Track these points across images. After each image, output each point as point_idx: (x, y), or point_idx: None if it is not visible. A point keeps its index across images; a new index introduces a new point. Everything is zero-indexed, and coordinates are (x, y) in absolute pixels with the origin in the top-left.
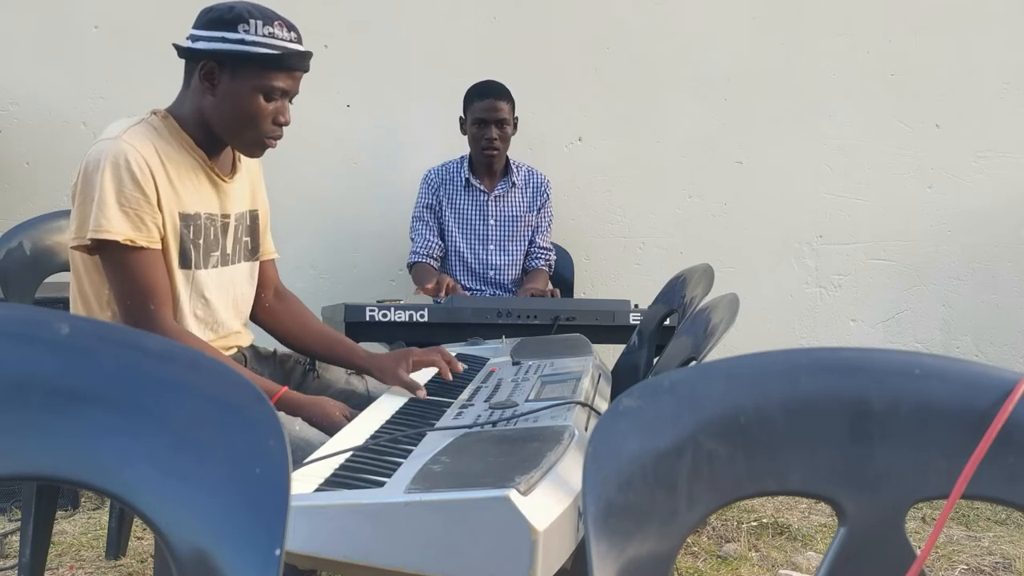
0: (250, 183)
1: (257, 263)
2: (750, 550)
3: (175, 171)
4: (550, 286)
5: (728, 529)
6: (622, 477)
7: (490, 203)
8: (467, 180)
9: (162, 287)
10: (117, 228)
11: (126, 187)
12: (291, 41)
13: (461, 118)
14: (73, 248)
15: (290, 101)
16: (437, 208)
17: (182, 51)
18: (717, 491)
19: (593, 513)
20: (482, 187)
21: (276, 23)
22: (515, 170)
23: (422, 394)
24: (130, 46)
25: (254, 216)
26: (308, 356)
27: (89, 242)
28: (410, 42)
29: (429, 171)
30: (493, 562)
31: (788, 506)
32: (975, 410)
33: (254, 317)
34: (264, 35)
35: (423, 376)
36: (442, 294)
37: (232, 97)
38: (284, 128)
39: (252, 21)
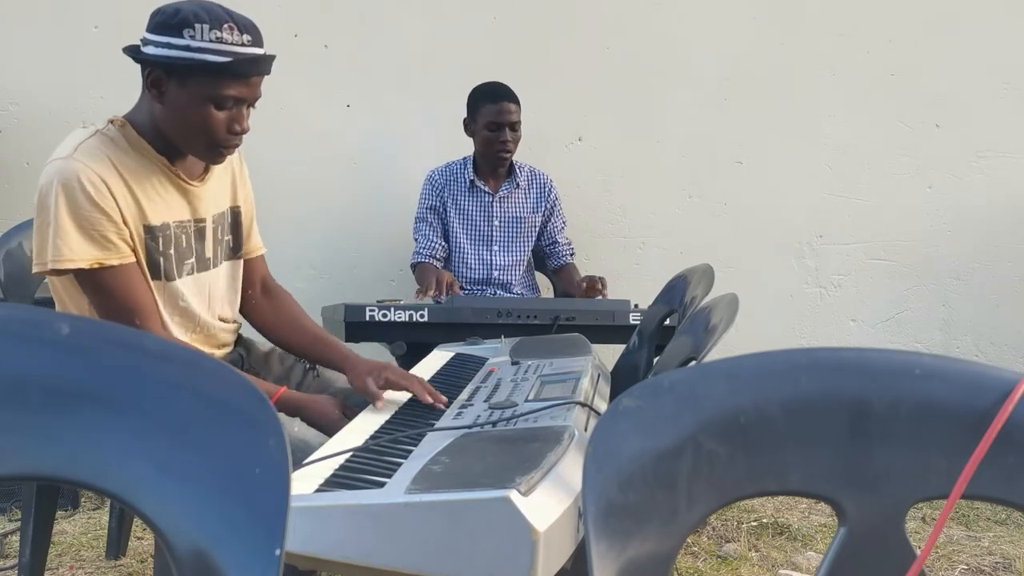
0: (230, 180)
1: (240, 261)
2: (750, 550)
3: (136, 182)
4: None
5: (728, 529)
6: (622, 477)
7: (494, 204)
8: (471, 182)
9: (144, 300)
10: (80, 254)
11: (83, 209)
12: (243, 45)
13: (465, 120)
14: (36, 273)
15: (252, 106)
16: (441, 209)
17: (133, 56)
18: (717, 491)
19: (593, 513)
20: (486, 188)
21: (226, 26)
22: (518, 171)
23: (379, 404)
24: None
25: (236, 213)
26: (293, 354)
27: (50, 271)
28: (410, 42)
29: (432, 172)
30: (493, 563)
31: (788, 506)
32: (975, 410)
33: (243, 313)
34: (211, 40)
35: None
36: (441, 296)
37: (180, 107)
38: (242, 136)
39: (198, 26)
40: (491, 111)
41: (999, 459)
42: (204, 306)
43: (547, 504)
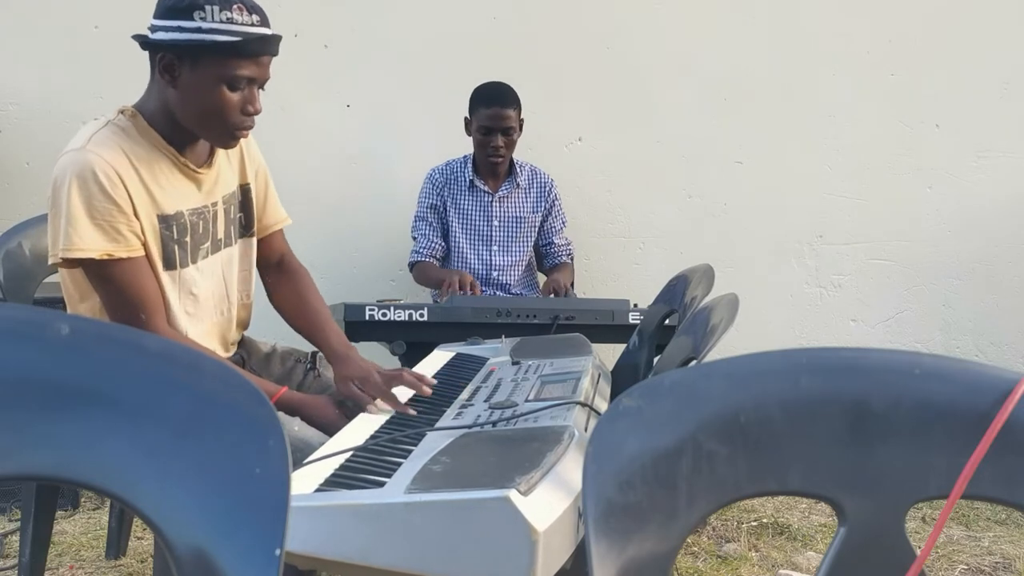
0: (238, 159)
1: (253, 239)
2: (750, 550)
3: (148, 172)
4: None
5: (728, 529)
6: (622, 477)
7: (494, 204)
8: (471, 181)
9: (151, 295)
10: (91, 244)
11: (96, 200)
12: (253, 25)
13: (466, 119)
14: (52, 265)
15: (261, 88)
16: (441, 208)
17: (143, 43)
18: (717, 491)
19: (593, 513)
20: (486, 188)
21: (235, 7)
22: (519, 170)
23: (372, 410)
24: (130, 46)
25: (245, 190)
26: (302, 336)
27: (61, 261)
28: (410, 42)
29: (433, 170)
30: (493, 562)
31: (788, 506)
32: (975, 410)
33: (265, 289)
34: (221, 21)
35: (405, 393)
36: (464, 291)
37: (194, 90)
38: (255, 117)
39: (208, 7)
40: (483, 115)
41: (999, 459)
42: (220, 288)
43: (547, 504)
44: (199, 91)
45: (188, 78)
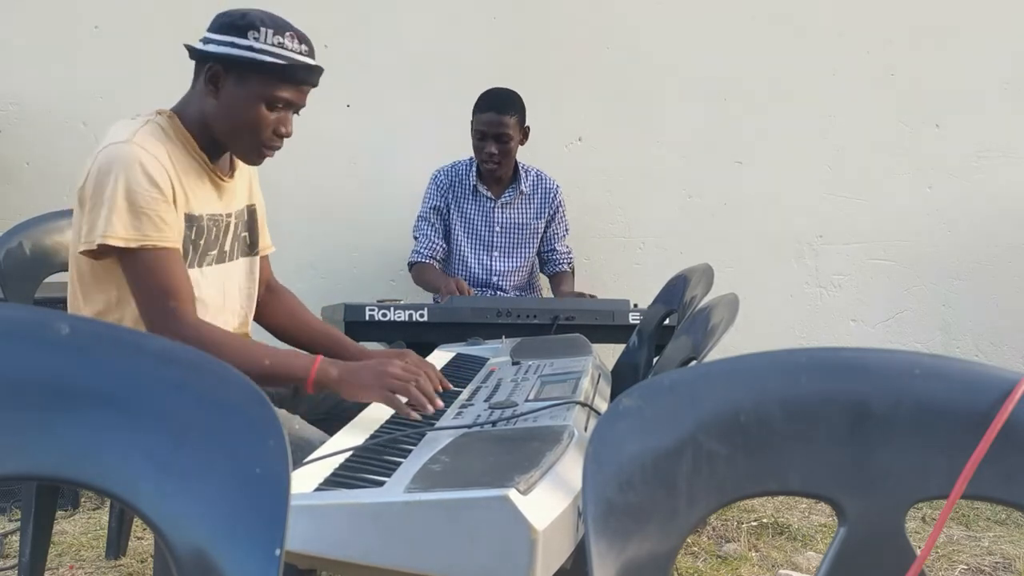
0: (247, 179)
1: (257, 258)
2: (750, 550)
3: (182, 172)
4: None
5: (728, 529)
6: (622, 477)
7: (496, 210)
8: (474, 186)
9: (183, 284)
10: (131, 233)
11: (142, 188)
12: (301, 54)
13: (471, 122)
14: (81, 253)
15: (296, 113)
16: (444, 210)
17: (193, 52)
18: (717, 491)
19: (593, 513)
20: (489, 194)
21: (288, 34)
22: (523, 176)
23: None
24: (130, 46)
25: (252, 211)
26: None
27: (96, 247)
28: (410, 42)
29: (438, 171)
30: (492, 561)
31: (788, 506)
32: (975, 410)
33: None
34: (273, 44)
35: None
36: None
37: (234, 103)
38: (284, 140)
39: (263, 29)
40: (479, 119)
41: (999, 459)
42: (218, 300)
43: (546, 503)
44: (239, 105)
45: (231, 91)
